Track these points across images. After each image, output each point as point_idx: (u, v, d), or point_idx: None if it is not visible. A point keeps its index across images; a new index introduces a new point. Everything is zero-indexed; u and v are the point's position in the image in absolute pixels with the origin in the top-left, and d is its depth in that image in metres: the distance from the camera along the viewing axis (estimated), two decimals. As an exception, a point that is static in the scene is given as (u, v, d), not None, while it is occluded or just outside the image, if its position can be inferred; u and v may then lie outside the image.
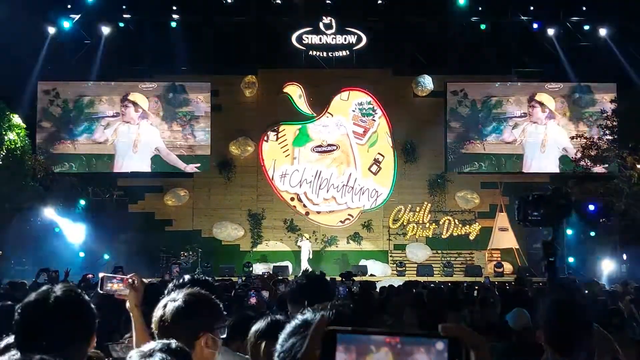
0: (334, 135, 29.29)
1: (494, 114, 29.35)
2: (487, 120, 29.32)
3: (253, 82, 29.20)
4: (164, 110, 29.15)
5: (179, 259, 26.90)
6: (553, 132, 29.13)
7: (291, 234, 28.75)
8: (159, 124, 29.14)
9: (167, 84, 29.17)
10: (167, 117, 29.16)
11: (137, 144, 28.96)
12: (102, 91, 29.14)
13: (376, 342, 1.25)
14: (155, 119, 29.12)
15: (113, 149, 28.91)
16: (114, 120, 29.06)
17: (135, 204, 29.00)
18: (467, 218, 29.08)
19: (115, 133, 28.96)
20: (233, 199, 29.09)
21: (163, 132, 29.08)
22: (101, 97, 29.11)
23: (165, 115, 29.15)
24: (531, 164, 29.08)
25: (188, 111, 29.17)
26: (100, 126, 28.97)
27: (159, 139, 29.00)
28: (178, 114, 29.14)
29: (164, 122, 29.16)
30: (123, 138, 28.96)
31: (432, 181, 29.23)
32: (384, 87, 29.38)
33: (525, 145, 29.18)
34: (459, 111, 29.36)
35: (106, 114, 29.06)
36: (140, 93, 29.10)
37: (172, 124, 29.15)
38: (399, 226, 29.00)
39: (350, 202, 28.99)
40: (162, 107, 29.18)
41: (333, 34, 28.96)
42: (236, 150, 29.11)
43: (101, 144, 28.91)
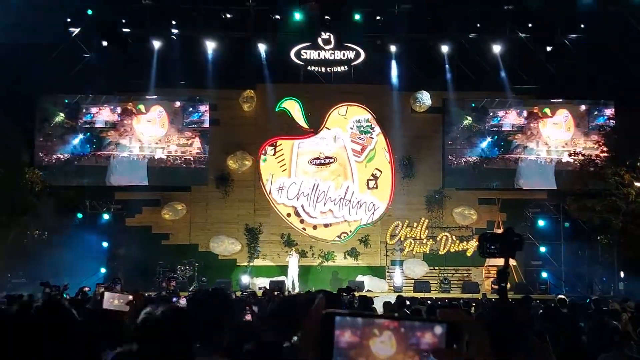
0: (331, 147, 29.34)
1: (491, 130, 29.41)
2: (484, 136, 29.37)
3: (251, 96, 29.27)
4: (164, 122, 29.17)
5: (175, 273, 26.88)
6: (548, 146, 29.20)
7: (288, 249, 28.74)
8: (158, 136, 29.16)
9: (166, 97, 29.24)
10: (169, 130, 29.21)
11: (135, 156, 29.00)
12: (100, 104, 29.18)
13: (379, 325, 1.28)
14: (155, 131, 29.13)
15: (111, 161, 28.91)
16: (112, 133, 29.07)
17: (133, 217, 28.99)
18: (465, 234, 29.07)
19: (113, 146, 28.98)
20: (230, 213, 29.08)
21: (162, 144, 29.10)
22: (99, 111, 29.15)
23: (167, 127, 29.18)
24: (528, 180, 29.11)
25: (189, 124, 29.21)
26: (98, 139, 28.99)
27: (158, 151, 29.03)
28: (179, 126, 29.18)
29: (165, 134, 29.17)
30: (121, 150, 28.98)
31: (430, 197, 29.26)
32: (382, 102, 29.44)
33: (522, 160, 29.22)
34: (456, 127, 29.42)
35: (104, 126, 29.07)
36: (140, 106, 29.12)
37: (171, 136, 29.16)
38: (396, 242, 29.00)
39: (347, 215, 28.99)
40: (165, 119, 29.19)
41: (331, 49, 29.07)
42: (234, 165, 29.14)
43: (99, 156, 28.91)
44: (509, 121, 29.44)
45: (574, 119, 29.28)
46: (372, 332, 1.27)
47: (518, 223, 29.15)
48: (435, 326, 1.28)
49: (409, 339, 1.26)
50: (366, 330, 1.27)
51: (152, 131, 29.19)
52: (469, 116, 29.47)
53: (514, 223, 28.75)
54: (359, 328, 1.27)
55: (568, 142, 29.07)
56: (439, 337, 1.27)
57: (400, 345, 1.26)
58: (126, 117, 29.11)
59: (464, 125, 29.43)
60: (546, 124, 29.38)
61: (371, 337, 1.26)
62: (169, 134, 29.18)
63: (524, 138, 29.35)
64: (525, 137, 29.35)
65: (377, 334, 1.27)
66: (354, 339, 1.27)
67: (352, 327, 1.27)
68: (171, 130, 29.21)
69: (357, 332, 1.27)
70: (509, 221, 29.03)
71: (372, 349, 1.27)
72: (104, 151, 28.98)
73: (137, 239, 27.75)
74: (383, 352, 1.27)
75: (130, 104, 29.12)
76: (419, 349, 1.26)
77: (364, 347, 1.27)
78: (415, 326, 1.28)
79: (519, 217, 29.26)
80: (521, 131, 29.34)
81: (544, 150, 29.26)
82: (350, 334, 1.27)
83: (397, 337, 1.26)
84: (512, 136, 29.38)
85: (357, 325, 1.28)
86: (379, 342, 1.26)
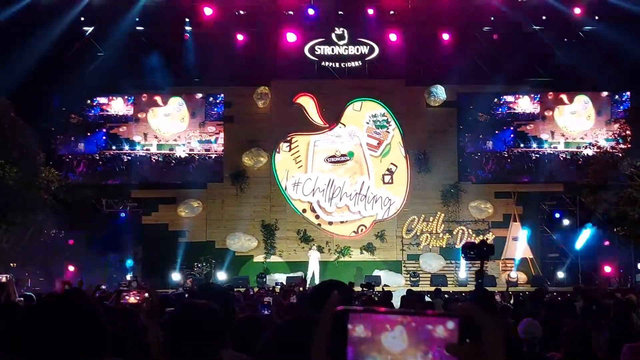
0: (347, 145, 29.30)
1: (506, 122, 29.31)
2: (500, 129, 29.27)
3: (266, 93, 29.27)
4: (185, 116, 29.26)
5: (192, 270, 26.97)
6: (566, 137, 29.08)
7: (304, 245, 28.76)
8: (177, 132, 29.26)
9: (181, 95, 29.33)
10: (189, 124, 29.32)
11: (152, 154, 29.15)
12: (115, 101, 29.28)
13: (391, 320, 1.27)
14: (174, 126, 29.22)
15: (127, 159, 29.04)
16: (128, 129, 29.19)
17: (149, 215, 29.09)
18: (481, 228, 28.98)
19: (130, 143, 29.11)
20: (246, 210, 29.11)
21: (183, 140, 29.22)
22: (115, 108, 29.26)
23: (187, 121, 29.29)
24: (546, 172, 28.98)
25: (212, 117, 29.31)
26: (114, 136, 29.12)
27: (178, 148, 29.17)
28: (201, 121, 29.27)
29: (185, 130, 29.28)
30: (138, 147, 29.10)
31: (446, 191, 29.17)
32: (397, 97, 29.38)
33: (538, 152, 29.11)
34: (471, 121, 29.33)
35: (120, 123, 29.21)
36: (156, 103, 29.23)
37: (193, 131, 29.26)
38: (412, 236, 28.96)
39: (363, 210, 28.97)
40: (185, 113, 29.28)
41: (345, 44, 29.05)
42: (249, 161, 29.16)
43: (115, 154, 29.06)
44: (524, 111, 29.31)
45: (588, 111, 29.10)
46: (383, 327, 1.27)
47: (534, 216, 29.12)
48: (448, 320, 1.27)
49: (421, 334, 1.26)
50: (377, 325, 1.27)
51: (170, 126, 29.24)
52: (484, 109, 29.35)
53: (530, 216, 28.75)
54: (371, 323, 1.28)
55: (588, 133, 28.88)
56: (452, 331, 1.26)
57: (412, 340, 1.26)
58: (142, 112, 29.19)
59: (479, 118, 29.33)
60: (563, 113, 29.20)
61: (382, 332, 1.27)
62: (190, 129, 29.24)
63: (540, 129, 29.20)
64: (541, 128, 29.20)
65: (389, 329, 1.27)
66: (365, 333, 1.27)
67: (363, 322, 1.28)
68: (192, 124, 29.26)
69: (368, 327, 1.27)
70: (526, 214, 28.96)
71: (384, 343, 1.26)
72: (120, 149, 29.10)
73: (153, 237, 27.91)
74: (395, 346, 1.26)
75: (145, 96, 29.22)
76: (431, 343, 1.27)
77: (375, 342, 1.27)
78: (428, 320, 1.28)
79: (535, 210, 29.16)
80: (536, 123, 29.20)
81: (560, 143, 29.11)
82: (361, 329, 1.28)
83: (409, 332, 1.26)
84: (526, 127, 29.25)
85: (369, 320, 1.28)
86: (391, 337, 1.27)
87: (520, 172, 29.15)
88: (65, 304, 2.85)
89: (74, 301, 2.89)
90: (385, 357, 1.27)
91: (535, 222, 29.22)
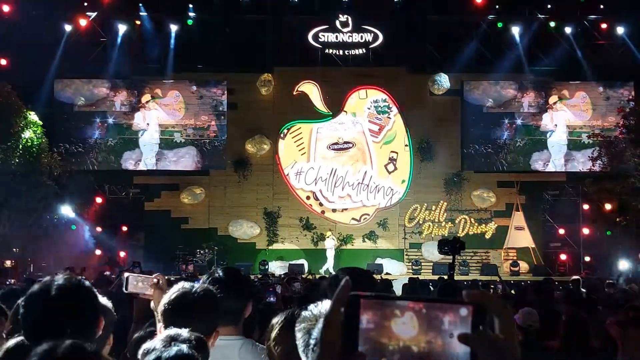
0: (350, 132, 29.28)
1: (510, 112, 29.24)
2: (502, 118, 29.20)
3: (269, 80, 29.21)
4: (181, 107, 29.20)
5: (194, 257, 27.01)
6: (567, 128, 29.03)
7: (307, 232, 28.80)
8: (175, 120, 29.21)
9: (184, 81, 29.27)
10: (186, 114, 29.25)
11: (153, 141, 29.11)
12: (118, 88, 29.24)
13: (401, 306, 1.26)
14: (172, 115, 29.19)
15: (129, 145, 29.03)
16: (129, 117, 29.15)
17: (152, 202, 29.12)
18: (483, 217, 28.99)
19: (131, 130, 29.09)
20: (249, 197, 29.12)
21: (179, 128, 29.16)
22: (116, 95, 29.21)
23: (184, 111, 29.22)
24: (547, 162, 28.95)
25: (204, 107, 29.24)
26: (116, 124, 29.09)
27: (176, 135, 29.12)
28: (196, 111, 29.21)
29: (182, 118, 29.22)
30: (139, 135, 29.08)
31: (448, 180, 29.15)
32: (401, 85, 29.32)
33: (540, 142, 29.07)
34: (475, 109, 29.26)
35: (121, 110, 29.17)
36: (158, 89, 29.17)
37: (188, 120, 29.21)
38: (414, 225, 28.96)
39: (365, 200, 28.98)
40: (181, 104, 29.21)
41: (349, 32, 28.97)
42: (252, 149, 29.15)
43: (117, 141, 29.04)
44: (527, 102, 29.23)
45: (591, 101, 29.02)
46: (393, 313, 1.25)
47: (537, 205, 29.11)
48: (460, 308, 1.25)
49: (432, 320, 1.25)
50: (387, 312, 1.26)
51: (168, 115, 29.20)
52: (487, 98, 29.29)
53: (532, 205, 28.74)
54: (380, 309, 1.26)
55: (586, 124, 28.84)
56: (465, 319, 1.25)
57: (422, 326, 1.24)
58: (143, 102, 29.14)
59: (482, 107, 29.27)
60: (564, 106, 29.13)
61: (392, 318, 1.25)
62: (185, 118, 29.20)
63: (542, 120, 29.15)
64: (543, 119, 29.14)
65: (399, 315, 1.25)
66: (375, 319, 1.25)
67: (373, 308, 1.26)
68: (188, 114, 29.21)
69: (378, 313, 1.26)
70: (528, 203, 28.95)
71: (394, 329, 1.25)
72: (122, 135, 29.08)
73: (156, 223, 27.95)
74: (405, 333, 1.25)
75: (147, 88, 29.16)
76: (442, 330, 1.25)
77: (385, 328, 1.25)
78: (440, 307, 1.26)
79: (537, 199, 29.16)
80: (539, 113, 29.14)
81: (563, 132, 29.05)
82: (371, 315, 1.26)
83: (420, 318, 1.25)
84: (530, 118, 29.20)
85: (379, 306, 1.27)
86: (401, 323, 1.25)
87: (523, 161, 29.09)
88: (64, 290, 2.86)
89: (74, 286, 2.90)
90: (395, 343, 1.25)
91: (538, 211, 29.22)
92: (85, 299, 2.90)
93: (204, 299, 3.21)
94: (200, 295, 3.21)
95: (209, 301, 3.23)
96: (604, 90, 29.01)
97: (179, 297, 3.22)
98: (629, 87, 28.61)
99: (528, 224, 28.66)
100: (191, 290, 3.25)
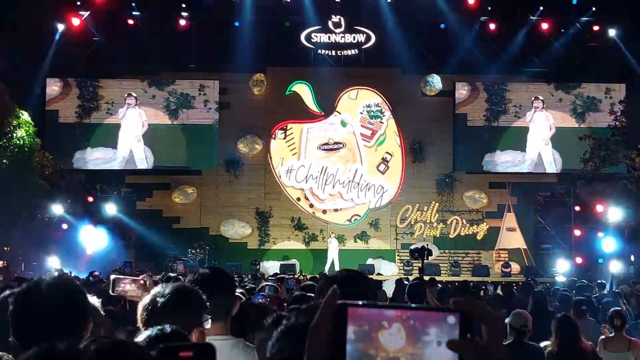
0: (340, 133, 29.30)
1: (502, 113, 29.23)
2: (495, 118, 29.20)
3: (262, 80, 29.19)
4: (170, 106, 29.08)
5: (185, 256, 26.88)
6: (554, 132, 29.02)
7: (298, 232, 28.80)
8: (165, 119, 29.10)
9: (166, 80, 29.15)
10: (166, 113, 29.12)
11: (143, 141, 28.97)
12: (110, 88, 29.11)
13: (388, 317, 1.25)
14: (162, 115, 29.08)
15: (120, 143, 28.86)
16: (120, 116, 28.99)
17: (143, 201, 29.06)
18: (475, 218, 29.04)
19: (120, 129, 28.92)
20: (241, 196, 29.10)
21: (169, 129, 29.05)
22: (110, 94, 29.09)
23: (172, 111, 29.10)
24: (539, 163, 28.95)
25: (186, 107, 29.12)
26: (107, 124, 28.94)
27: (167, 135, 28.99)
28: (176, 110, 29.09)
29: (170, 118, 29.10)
30: (129, 134, 28.91)
31: (440, 181, 29.18)
32: (393, 86, 29.35)
33: (532, 144, 29.05)
34: (467, 110, 29.26)
35: (114, 110, 29.03)
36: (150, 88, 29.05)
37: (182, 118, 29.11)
38: (406, 225, 28.98)
39: (356, 198, 29.00)
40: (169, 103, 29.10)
41: (342, 32, 28.95)
42: (244, 148, 29.13)
43: (108, 139, 28.90)
44: (519, 103, 29.21)
45: (583, 102, 29.01)
46: (381, 324, 1.25)
47: (528, 206, 29.16)
48: (448, 316, 1.25)
49: (419, 330, 1.25)
50: (375, 323, 1.25)
51: (157, 117, 29.02)
52: (479, 99, 29.29)
53: (524, 206, 28.78)
54: (369, 319, 1.26)
55: (578, 125, 28.79)
56: (452, 326, 1.25)
57: (410, 337, 1.24)
58: (133, 102, 28.97)
59: (475, 108, 29.27)
60: (556, 107, 29.10)
61: (380, 330, 1.25)
62: (176, 117, 29.04)
63: (533, 121, 29.12)
64: (535, 120, 29.12)
65: (386, 326, 1.25)
66: (362, 330, 1.25)
67: (362, 317, 1.26)
68: (179, 113, 29.05)
69: (366, 324, 1.25)
70: (520, 204, 29.00)
71: (381, 341, 1.25)
72: (113, 134, 28.90)
73: (147, 223, 27.87)
74: (392, 344, 1.24)
75: (136, 89, 29.02)
76: (429, 341, 1.25)
77: (372, 339, 1.25)
78: (427, 316, 1.26)
79: (529, 200, 29.21)
80: (531, 114, 29.12)
81: (553, 133, 29.01)
82: (358, 325, 1.25)
83: (407, 329, 1.24)
84: (522, 119, 29.17)
85: (367, 316, 1.26)
86: (388, 334, 1.25)
87: (515, 162, 29.08)
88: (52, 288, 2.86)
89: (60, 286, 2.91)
90: (383, 354, 1.25)
91: (529, 212, 29.27)
92: (74, 298, 2.90)
93: (175, 298, 3.18)
94: (170, 297, 3.18)
95: (183, 299, 3.19)
96: (596, 92, 29.03)
97: (151, 302, 3.19)
98: (620, 89, 28.64)
99: (519, 225, 28.72)
100: (162, 293, 3.22)
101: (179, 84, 29.12)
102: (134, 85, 29.13)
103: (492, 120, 29.16)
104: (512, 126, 29.10)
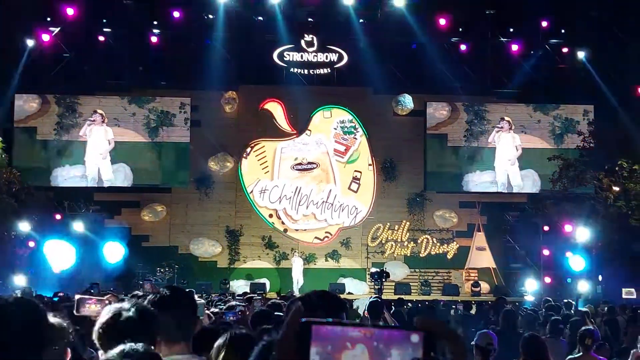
0: (313, 153, 29.32)
1: (471, 134, 29.43)
2: (466, 139, 29.39)
3: (233, 97, 29.16)
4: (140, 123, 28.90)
5: (154, 275, 26.63)
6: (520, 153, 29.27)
7: (269, 251, 28.71)
8: (134, 136, 28.91)
9: (146, 98, 28.98)
10: (145, 131, 28.94)
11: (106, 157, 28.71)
12: (89, 105, 28.81)
13: (352, 337, 1.24)
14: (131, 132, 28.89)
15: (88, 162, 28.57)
16: (87, 134, 28.71)
17: (112, 219, 28.78)
18: (445, 237, 29.16)
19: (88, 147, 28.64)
20: (211, 215, 28.97)
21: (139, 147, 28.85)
22: (88, 111, 28.77)
23: (142, 128, 28.91)
24: (507, 184, 29.18)
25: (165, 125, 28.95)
26: (75, 141, 28.66)
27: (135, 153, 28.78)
28: (156, 128, 28.91)
29: (141, 135, 28.92)
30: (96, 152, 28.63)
31: (411, 200, 29.31)
32: (365, 105, 29.48)
33: (500, 164, 29.27)
34: (437, 131, 29.43)
35: (82, 126, 28.75)
36: (117, 106, 28.86)
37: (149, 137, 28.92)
38: (377, 244, 29.01)
39: (329, 218, 28.99)
40: (139, 120, 28.91)
41: (314, 51, 29.06)
42: (215, 166, 29.04)
43: (77, 157, 28.63)
44: (488, 124, 29.43)
45: (552, 123, 29.32)
46: (344, 344, 1.23)
47: (498, 226, 29.33)
48: (412, 334, 1.25)
49: (383, 352, 1.23)
50: (339, 343, 1.23)
51: (126, 134, 28.81)
52: (450, 119, 29.47)
53: (494, 226, 28.96)
54: (332, 339, 1.23)
55: (547, 146, 29.07)
56: (416, 345, 1.24)
57: (373, 359, 1.23)
58: (99, 119, 28.70)
59: (445, 128, 29.44)
60: (534, 128, 29.33)
61: (344, 351, 1.23)
62: (146, 134, 28.87)
63: (501, 141, 29.34)
64: (502, 140, 29.34)
65: (350, 347, 1.23)
66: (325, 351, 1.23)
67: (325, 337, 1.24)
68: (149, 130, 28.89)
69: (329, 344, 1.23)
70: (489, 224, 29.18)
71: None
72: (81, 152, 28.60)
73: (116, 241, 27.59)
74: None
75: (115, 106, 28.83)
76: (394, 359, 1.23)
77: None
78: (391, 335, 1.24)
79: (499, 220, 29.38)
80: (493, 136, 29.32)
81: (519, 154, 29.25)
82: (322, 345, 1.23)
83: (370, 350, 1.23)
84: (491, 140, 29.37)
85: (331, 335, 1.24)
86: (351, 355, 1.23)
87: (484, 182, 29.28)
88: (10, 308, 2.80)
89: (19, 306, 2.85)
90: None
91: (499, 232, 29.43)
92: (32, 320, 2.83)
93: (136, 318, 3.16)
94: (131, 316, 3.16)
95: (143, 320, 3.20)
96: (573, 113, 29.30)
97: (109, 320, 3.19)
98: (588, 110, 28.99)
99: (489, 245, 28.88)
100: (120, 312, 3.20)
101: (159, 102, 28.95)
102: (113, 103, 28.91)
103: (471, 140, 29.35)
104: (488, 147, 29.32)
